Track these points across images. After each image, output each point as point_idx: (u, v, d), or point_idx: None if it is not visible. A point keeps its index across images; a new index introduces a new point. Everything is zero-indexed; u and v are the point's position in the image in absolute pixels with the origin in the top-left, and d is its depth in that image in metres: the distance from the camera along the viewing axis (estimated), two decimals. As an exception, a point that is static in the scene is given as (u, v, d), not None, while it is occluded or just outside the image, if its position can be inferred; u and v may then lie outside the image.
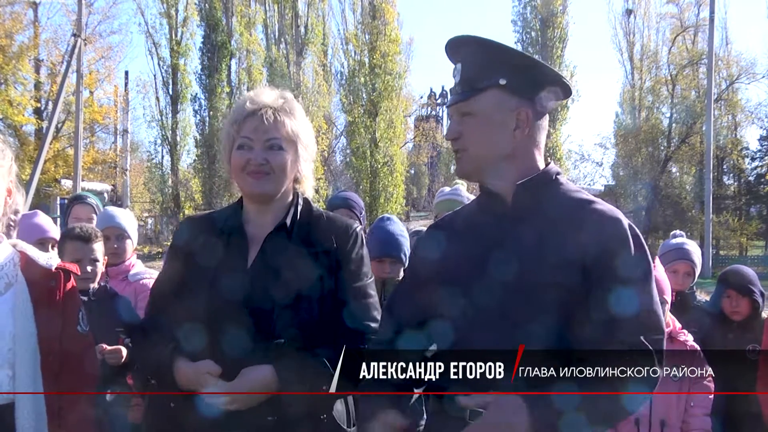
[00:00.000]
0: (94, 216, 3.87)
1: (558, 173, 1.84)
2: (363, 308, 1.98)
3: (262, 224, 2.00)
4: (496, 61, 1.77)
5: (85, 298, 2.78)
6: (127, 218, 3.55)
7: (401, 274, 3.11)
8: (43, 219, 3.44)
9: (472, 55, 1.79)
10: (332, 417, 1.93)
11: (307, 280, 1.90)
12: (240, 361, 1.84)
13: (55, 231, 3.40)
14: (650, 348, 1.66)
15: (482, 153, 1.79)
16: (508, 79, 1.77)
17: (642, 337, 1.66)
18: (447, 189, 4.27)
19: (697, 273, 3.82)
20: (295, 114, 2.00)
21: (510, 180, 1.79)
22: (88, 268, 2.84)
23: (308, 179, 2.07)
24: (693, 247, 3.83)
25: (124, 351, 2.68)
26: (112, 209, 3.66)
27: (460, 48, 1.83)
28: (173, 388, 1.90)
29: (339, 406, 1.96)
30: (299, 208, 2.03)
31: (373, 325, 1.97)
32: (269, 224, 1.99)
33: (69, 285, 1.96)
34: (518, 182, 1.78)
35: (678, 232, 4.01)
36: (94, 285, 2.91)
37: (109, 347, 2.65)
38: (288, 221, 1.99)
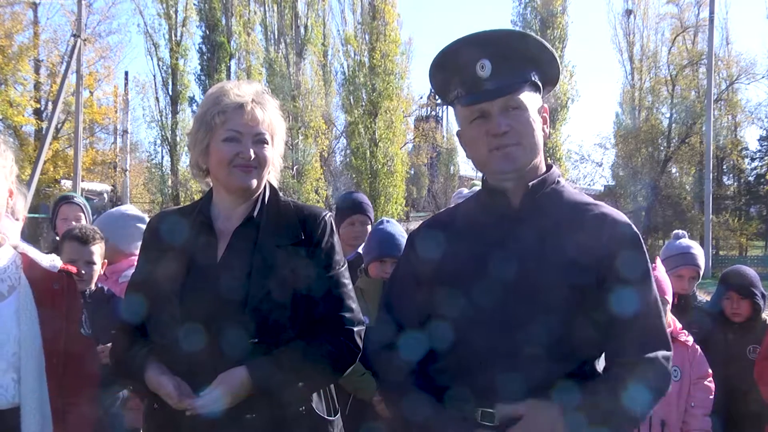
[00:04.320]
0: (82, 215, 3.85)
1: (560, 175, 1.84)
2: (337, 298, 1.94)
3: (231, 217, 1.97)
4: (529, 55, 1.76)
5: (81, 300, 2.76)
6: (111, 224, 3.49)
7: None
8: None
9: (506, 48, 1.74)
10: (311, 408, 1.92)
11: (278, 274, 1.87)
12: (216, 359, 1.82)
13: None
14: (658, 357, 1.67)
15: (532, 148, 1.75)
16: (540, 76, 1.77)
17: (647, 354, 1.67)
18: (465, 191, 4.24)
19: (701, 274, 3.80)
20: (272, 107, 1.99)
21: (520, 179, 1.77)
22: (83, 270, 2.81)
23: (276, 170, 2.05)
24: (698, 251, 3.77)
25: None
26: (123, 209, 3.63)
27: (486, 44, 1.75)
28: (150, 394, 1.88)
29: (316, 398, 1.95)
30: (266, 198, 2.01)
31: (348, 315, 1.94)
32: (239, 217, 1.96)
33: (72, 287, 1.96)
34: (530, 183, 1.76)
35: (681, 232, 3.92)
36: (90, 287, 2.88)
37: (101, 346, 2.62)
38: (255, 214, 1.96)
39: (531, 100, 1.75)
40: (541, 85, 1.80)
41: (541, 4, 29.51)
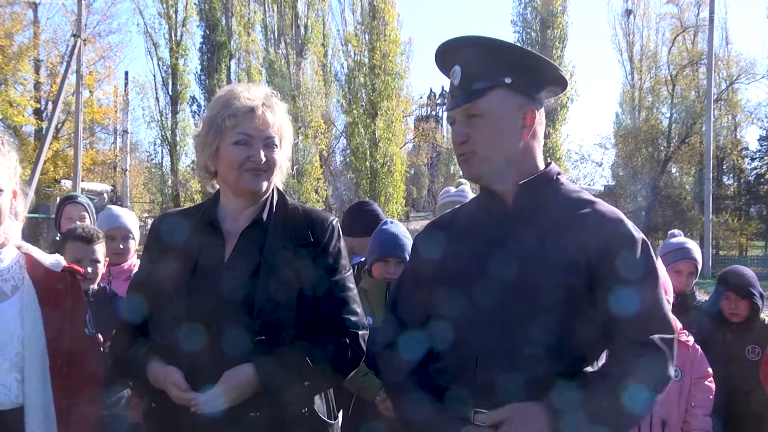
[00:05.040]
0: (86, 215, 3.85)
1: (559, 173, 1.84)
2: (342, 301, 1.95)
3: (239, 219, 1.99)
4: (501, 60, 1.75)
5: (85, 300, 2.77)
6: (130, 218, 3.56)
7: None
8: None
9: (474, 54, 1.75)
10: (313, 410, 1.93)
11: (285, 275, 1.88)
12: (219, 359, 1.82)
13: None
14: (662, 347, 1.65)
15: (492, 155, 1.75)
16: (514, 78, 1.74)
17: (653, 336, 1.65)
18: (453, 190, 4.23)
19: (699, 271, 3.81)
20: (280, 110, 2.00)
21: (512, 180, 1.77)
22: (89, 269, 2.82)
23: (283, 173, 2.06)
24: (693, 246, 3.80)
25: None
26: (117, 209, 3.65)
27: (458, 50, 1.78)
28: (149, 392, 1.89)
29: (318, 401, 1.96)
30: (275, 201, 2.02)
31: (353, 318, 1.95)
32: (246, 219, 1.98)
33: (76, 286, 1.96)
34: (520, 182, 1.77)
35: (676, 231, 3.96)
36: (94, 286, 2.89)
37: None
38: (264, 216, 1.97)
39: (501, 105, 1.73)
40: (525, 88, 1.77)
41: (541, 4, 29.49)
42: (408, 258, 3.08)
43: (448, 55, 1.80)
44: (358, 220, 3.74)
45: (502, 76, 1.73)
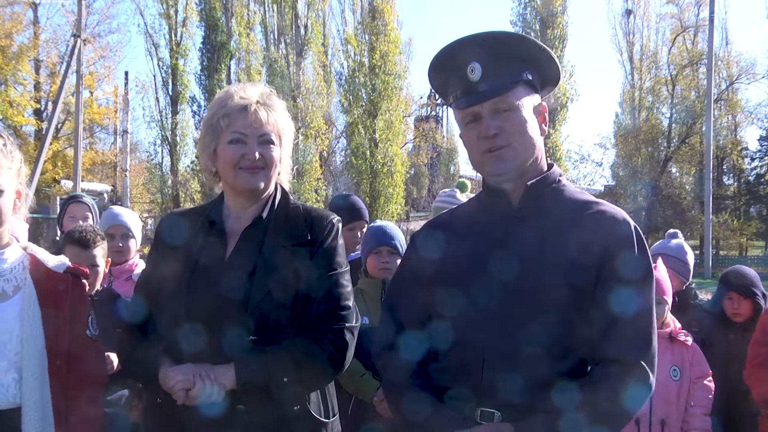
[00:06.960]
0: (89, 215, 3.87)
1: (560, 174, 1.85)
2: (333, 297, 1.95)
3: (241, 219, 1.99)
4: (521, 55, 1.76)
5: (88, 301, 2.76)
6: (132, 218, 3.57)
7: None
8: None
9: (495, 50, 1.75)
10: (306, 408, 1.92)
11: (282, 274, 1.88)
12: (219, 358, 1.83)
13: None
14: (642, 363, 1.67)
15: (526, 148, 1.76)
16: (533, 75, 1.77)
17: (634, 356, 1.66)
18: (445, 191, 4.28)
19: (689, 271, 3.79)
20: (279, 108, 2.00)
21: (525, 178, 1.77)
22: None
23: (286, 171, 2.06)
24: (675, 251, 3.75)
25: (114, 358, 2.53)
26: (118, 209, 3.67)
27: (473, 47, 1.76)
28: (159, 390, 1.89)
29: (315, 399, 1.96)
30: (277, 200, 2.02)
31: (343, 313, 1.94)
32: (248, 218, 1.99)
33: (78, 288, 1.95)
34: (528, 182, 1.77)
35: (671, 231, 3.96)
36: (97, 287, 2.88)
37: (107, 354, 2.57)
38: (264, 215, 1.98)
39: (524, 99, 1.75)
40: (538, 85, 1.80)
41: (541, 4, 29.47)
42: (398, 247, 3.17)
43: (460, 52, 1.77)
44: (339, 212, 3.77)
45: (524, 72, 1.76)
